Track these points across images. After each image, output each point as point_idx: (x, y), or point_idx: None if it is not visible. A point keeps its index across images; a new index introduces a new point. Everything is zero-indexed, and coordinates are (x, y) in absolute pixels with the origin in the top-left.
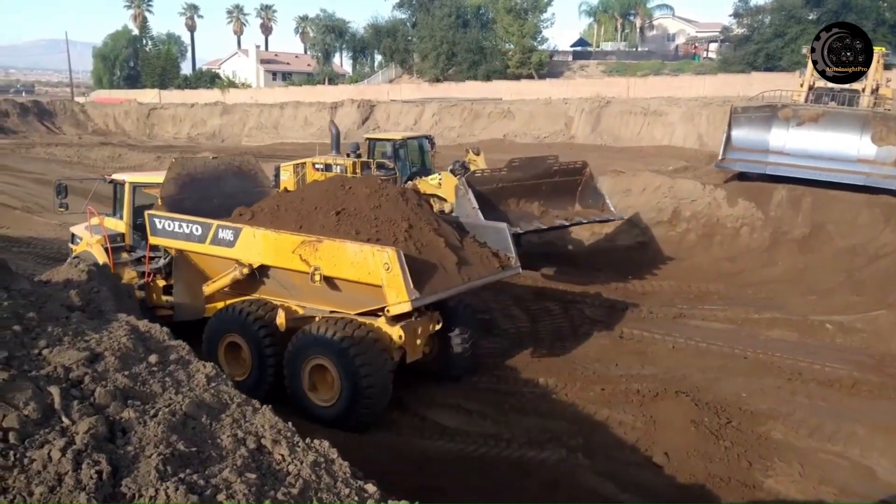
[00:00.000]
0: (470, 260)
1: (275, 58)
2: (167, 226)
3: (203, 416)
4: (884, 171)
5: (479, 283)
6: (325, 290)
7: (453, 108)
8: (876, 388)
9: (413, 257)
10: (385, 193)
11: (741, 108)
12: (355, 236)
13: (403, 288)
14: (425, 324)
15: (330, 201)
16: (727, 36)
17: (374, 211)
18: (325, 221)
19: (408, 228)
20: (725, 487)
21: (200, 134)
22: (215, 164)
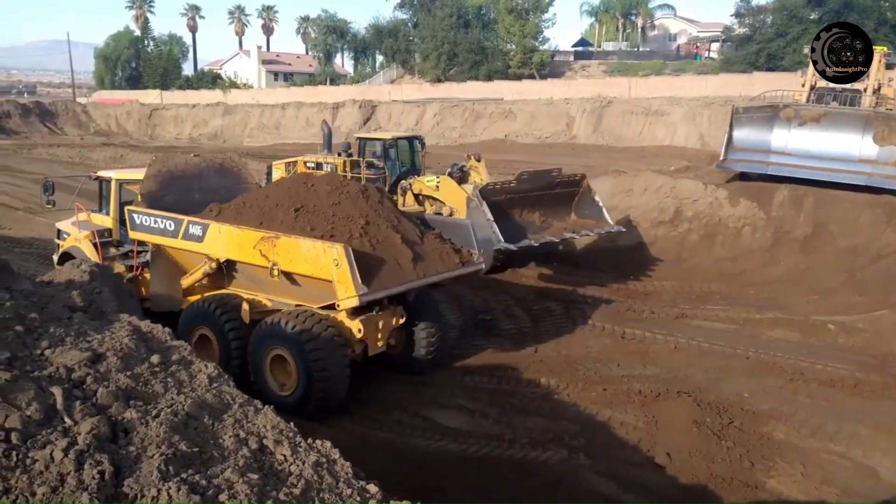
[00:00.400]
0: (428, 256)
1: (276, 58)
2: (145, 221)
3: (205, 417)
4: (885, 171)
5: (436, 279)
6: (286, 285)
7: (455, 108)
8: (878, 389)
9: (366, 253)
10: (345, 191)
11: (743, 109)
12: (310, 232)
13: (352, 283)
14: (387, 318)
15: (292, 198)
16: (729, 36)
17: (333, 208)
18: (285, 218)
19: (364, 225)
20: (728, 488)
21: (202, 135)
22: (196, 161)
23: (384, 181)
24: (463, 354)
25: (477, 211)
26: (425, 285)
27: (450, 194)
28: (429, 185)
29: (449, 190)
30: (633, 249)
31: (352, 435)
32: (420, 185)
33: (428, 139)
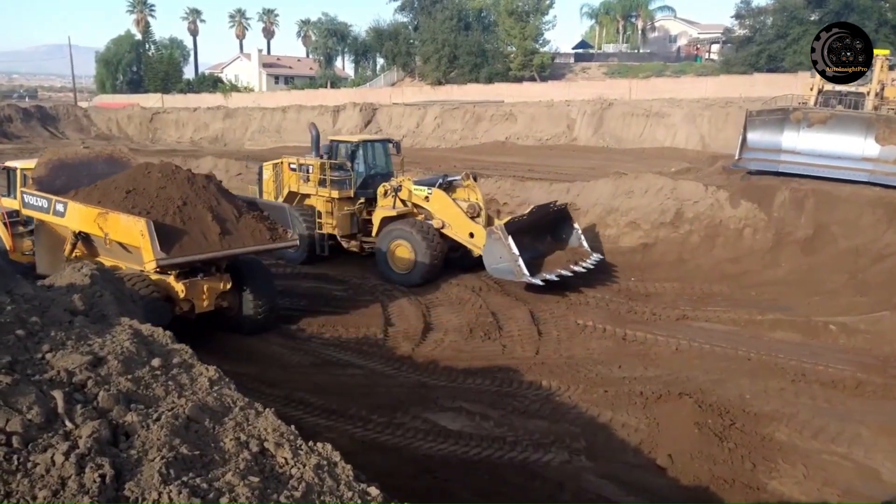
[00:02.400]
0: (239, 232)
1: (277, 62)
2: (31, 201)
3: (206, 420)
4: (886, 168)
5: (243, 251)
6: (125, 252)
7: (455, 110)
8: (880, 389)
9: (175, 227)
10: (174, 178)
11: (756, 112)
12: (131, 209)
13: (151, 250)
14: (213, 283)
15: (128, 183)
16: (729, 37)
17: (159, 191)
18: (117, 198)
19: (181, 205)
20: (729, 489)
21: (203, 138)
22: (86, 152)
23: (349, 182)
24: (464, 357)
25: (499, 244)
26: (245, 257)
27: (441, 208)
28: (418, 193)
29: (441, 204)
30: (635, 251)
31: (353, 438)
32: (407, 193)
33: (429, 142)
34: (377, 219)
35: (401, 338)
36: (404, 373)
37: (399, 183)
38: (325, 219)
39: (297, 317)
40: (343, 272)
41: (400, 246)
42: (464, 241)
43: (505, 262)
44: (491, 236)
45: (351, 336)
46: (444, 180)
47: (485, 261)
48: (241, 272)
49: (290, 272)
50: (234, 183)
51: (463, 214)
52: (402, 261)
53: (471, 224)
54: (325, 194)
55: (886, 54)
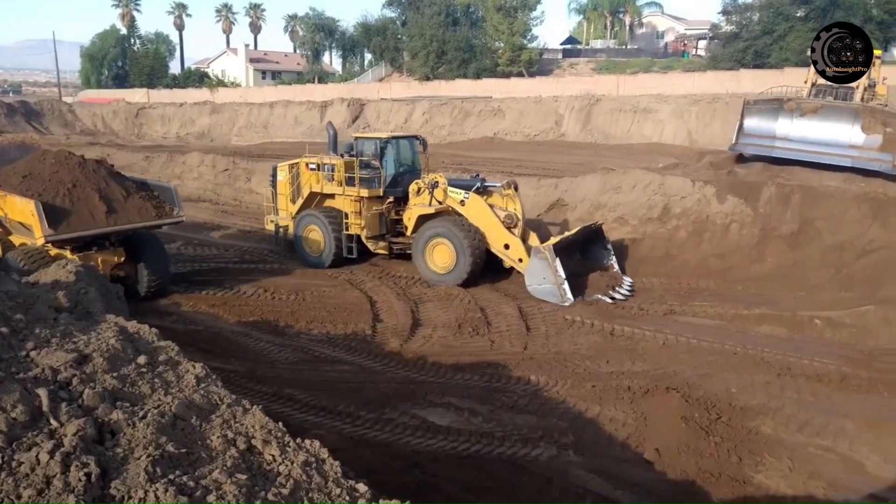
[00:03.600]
0: (125, 210)
1: (264, 57)
2: None
3: (193, 417)
4: (870, 154)
5: (128, 227)
6: (25, 230)
7: (443, 106)
8: (864, 383)
9: (64, 207)
10: (66, 164)
11: (753, 100)
12: (24, 192)
13: (40, 227)
14: (107, 255)
15: (27, 168)
16: (716, 33)
17: (52, 175)
18: (14, 181)
19: (70, 188)
20: (716, 483)
21: (189, 133)
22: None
23: (378, 180)
24: (452, 352)
25: (545, 265)
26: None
27: (477, 215)
28: (454, 196)
29: (477, 210)
30: (622, 246)
31: (342, 435)
32: (441, 194)
33: None
34: (413, 216)
35: (389, 334)
36: (393, 369)
37: (436, 179)
38: (353, 219)
39: (286, 313)
40: (332, 269)
41: (440, 245)
42: (498, 251)
43: (549, 284)
44: (537, 256)
45: (339, 332)
46: (481, 185)
47: (527, 280)
48: (136, 246)
49: (277, 268)
50: (221, 178)
51: (500, 224)
52: (442, 260)
53: (507, 235)
54: (352, 193)
55: (878, 54)
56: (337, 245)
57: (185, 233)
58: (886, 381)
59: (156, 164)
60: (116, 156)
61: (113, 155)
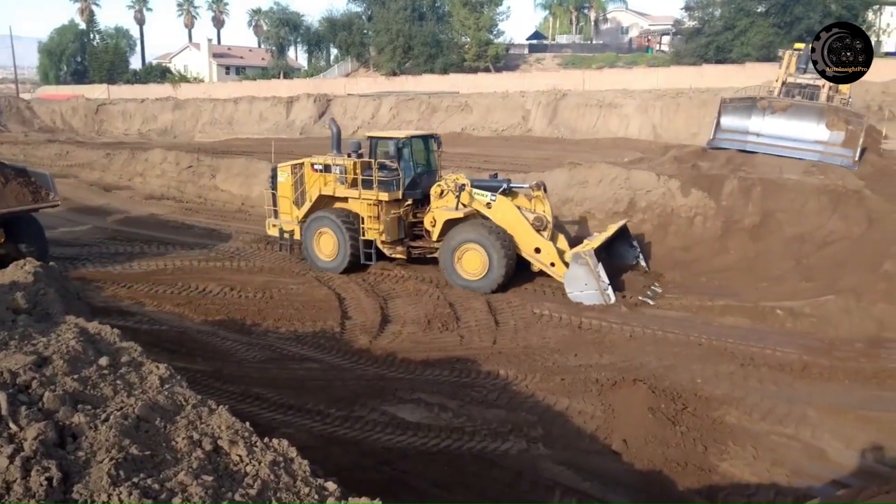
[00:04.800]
0: (3, 195)
1: (228, 52)
2: None
3: (157, 419)
4: (834, 150)
5: (7, 212)
6: None
7: (411, 101)
8: (825, 371)
9: None
10: None
11: (729, 99)
12: None
13: None
14: None
15: None
16: (679, 29)
17: None
18: None
19: None
20: (682, 472)
21: (152, 130)
22: None
23: (397, 182)
24: (422, 348)
25: (586, 270)
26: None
27: (505, 218)
28: (479, 198)
29: (505, 213)
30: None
31: (311, 433)
32: (467, 198)
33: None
34: (440, 220)
35: (358, 331)
36: (362, 366)
37: (462, 182)
38: (369, 224)
39: (253, 311)
40: (300, 265)
41: (470, 250)
42: (528, 256)
43: (592, 290)
44: (578, 262)
45: (307, 330)
46: (507, 186)
47: (567, 287)
48: (16, 228)
49: (243, 266)
50: (184, 175)
51: (530, 227)
52: (472, 266)
53: (538, 238)
54: (370, 197)
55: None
56: (353, 250)
57: (148, 231)
58: (846, 369)
59: (117, 162)
60: (76, 153)
61: (72, 152)
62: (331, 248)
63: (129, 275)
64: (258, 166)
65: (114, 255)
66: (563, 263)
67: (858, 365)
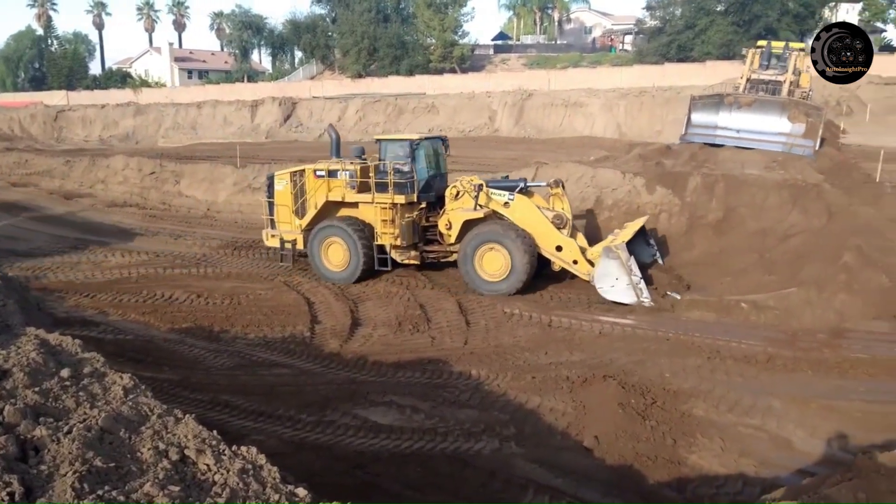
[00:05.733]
0: None
1: (189, 55)
2: None
3: (121, 430)
4: (796, 141)
5: None
6: None
7: (377, 103)
8: (789, 363)
9: None
10: None
11: (698, 97)
12: None
13: None
14: None
15: None
16: (641, 28)
17: None
18: None
19: None
20: (652, 466)
21: (113, 136)
22: None
23: (411, 185)
24: (393, 350)
25: (617, 265)
26: None
27: (524, 217)
28: (496, 198)
29: (524, 212)
30: None
31: (282, 439)
32: (485, 198)
33: (351, 135)
34: (457, 222)
35: (328, 335)
36: (333, 370)
37: (478, 182)
38: (383, 229)
39: (221, 318)
40: (267, 270)
41: (490, 251)
42: (550, 255)
43: (623, 285)
44: (608, 256)
45: (277, 335)
46: (524, 185)
47: (597, 283)
48: None
49: (210, 272)
50: (147, 182)
51: (550, 225)
52: (494, 267)
53: (559, 236)
54: (385, 201)
55: (801, 47)
56: (367, 258)
57: (111, 239)
58: (809, 360)
59: (77, 169)
60: (35, 161)
61: (32, 160)
62: (341, 259)
63: (91, 284)
64: (223, 171)
65: (76, 265)
66: (586, 261)
67: (821, 355)
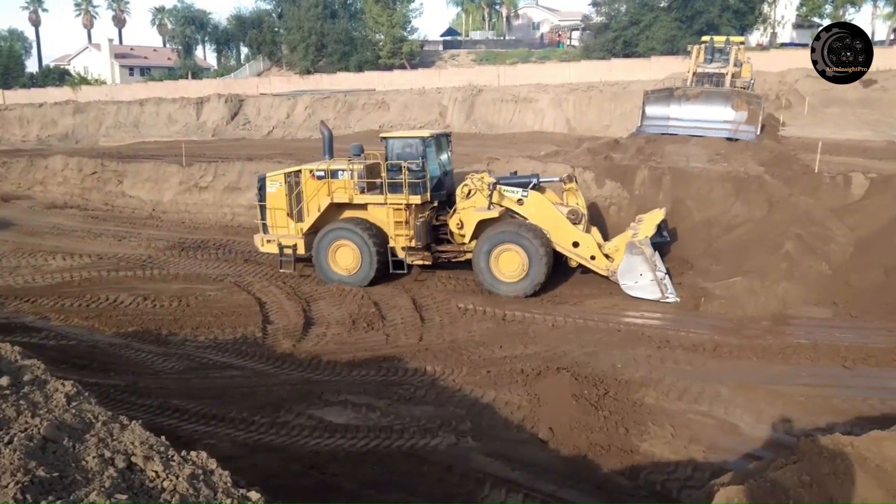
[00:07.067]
0: None
1: (130, 52)
2: None
3: (64, 439)
4: (741, 127)
5: None
6: None
7: (326, 100)
8: (735, 350)
9: None
10: None
11: (650, 91)
12: None
13: None
14: None
15: None
16: (587, 24)
17: None
18: None
19: None
20: (606, 455)
21: (52, 135)
22: None
23: (424, 185)
24: (348, 349)
25: (641, 260)
26: None
27: (539, 213)
28: (509, 196)
29: (538, 208)
30: None
31: (235, 442)
32: (499, 195)
33: (301, 132)
34: (471, 221)
35: (281, 335)
36: (286, 370)
37: (492, 180)
38: (397, 231)
39: (169, 321)
40: (217, 271)
41: (506, 251)
42: (566, 251)
43: (647, 281)
44: (632, 252)
45: (228, 337)
46: (537, 181)
47: (621, 278)
48: None
49: (156, 274)
50: (88, 182)
51: (566, 220)
52: (510, 268)
53: (575, 231)
54: (399, 202)
55: (741, 41)
56: (380, 261)
57: (51, 242)
58: (754, 347)
59: (14, 170)
60: None
61: None
62: (350, 262)
63: (32, 289)
64: (168, 170)
65: (15, 269)
66: (604, 256)
67: (765, 342)
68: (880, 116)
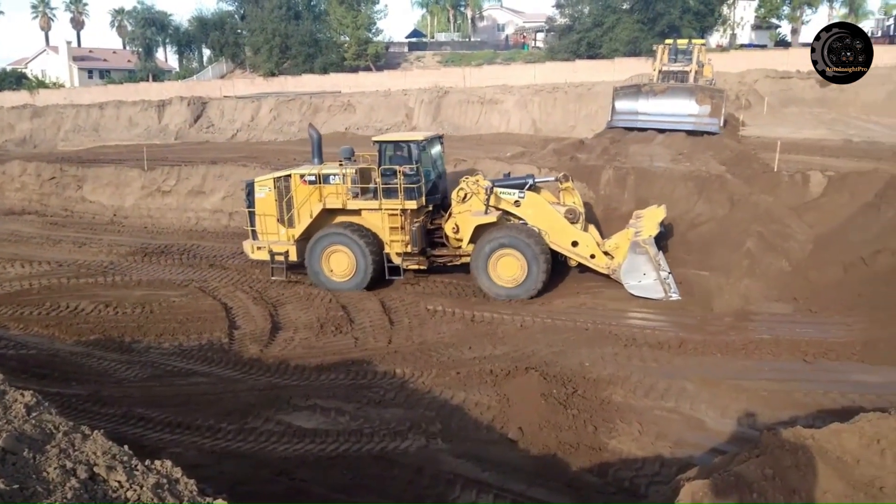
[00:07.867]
0: None
1: (89, 54)
2: None
3: (24, 450)
4: (704, 120)
5: None
6: None
7: (291, 102)
8: (700, 346)
9: None
10: None
11: (620, 87)
12: None
13: None
14: None
15: None
16: (552, 26)
17: None
18: None
19: None
20: (575, 453)
21: (8, 140)
22: None
23: (419, 189)
24: (316, 353)
25: (645, 259)
26: None
27: (537, 214)
28: (506, 197)
29: (536, 209)
30: None
31: (202, 450)
32: (496, 198)
33: (265, 135)
34: (468, 226)
35: (248, 340)
36: (254, 376)
37: (487, 183)
38: (392, 236)
39: (132, 328)
40: (181, 276)
41: (505, 256)
42: (565, 251)
43: (650, 280)
44: (636, 251)
45: (193, 343)
46: (532, 182)
47: (624, 278)
48: None
49: (118, 281)
50: (47, 188)
51: (564, 220)
52: (509, 273)
53: (573, 231)
54: (394, 206)
55: (703, 43)
56: (375, 266)
57: (9, 249)
58: (718, 343)
59: None
60: None
61: None
62: (345, 267)
63: None
64: (130, 174)
65: None
66: (603, 254)
67: (728, 338)
68: (837, 115)
